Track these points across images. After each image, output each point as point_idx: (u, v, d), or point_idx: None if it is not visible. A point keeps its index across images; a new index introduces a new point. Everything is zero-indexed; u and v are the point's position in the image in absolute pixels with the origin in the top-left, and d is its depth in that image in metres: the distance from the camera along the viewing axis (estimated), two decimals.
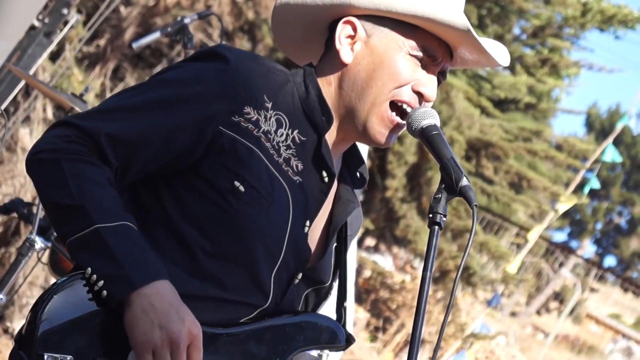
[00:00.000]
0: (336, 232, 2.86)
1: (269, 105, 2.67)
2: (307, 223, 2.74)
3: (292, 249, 2.68)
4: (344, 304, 2.96)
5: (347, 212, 2.86)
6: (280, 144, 2.68)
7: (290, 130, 2.70)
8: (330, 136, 2.79)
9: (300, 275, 2.77)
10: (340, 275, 2.97)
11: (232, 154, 2.60)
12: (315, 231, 2.79)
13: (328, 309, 2.99)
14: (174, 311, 2.43)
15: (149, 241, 2.56)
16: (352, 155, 2.93)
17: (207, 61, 2.68)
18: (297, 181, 2.70)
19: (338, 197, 2.86)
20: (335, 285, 2.95)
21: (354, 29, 2.77)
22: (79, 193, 2.46)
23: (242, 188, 2.60)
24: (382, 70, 2.72)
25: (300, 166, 2.71)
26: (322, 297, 2.92)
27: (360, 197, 7.78)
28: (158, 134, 2.59)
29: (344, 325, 2.91)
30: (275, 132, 2.67)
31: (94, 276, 2.43)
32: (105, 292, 2.43)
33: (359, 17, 2.77)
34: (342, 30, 2.78)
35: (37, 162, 2.55)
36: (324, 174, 2.76)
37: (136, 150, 2.58)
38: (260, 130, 2.64)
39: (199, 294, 2.58)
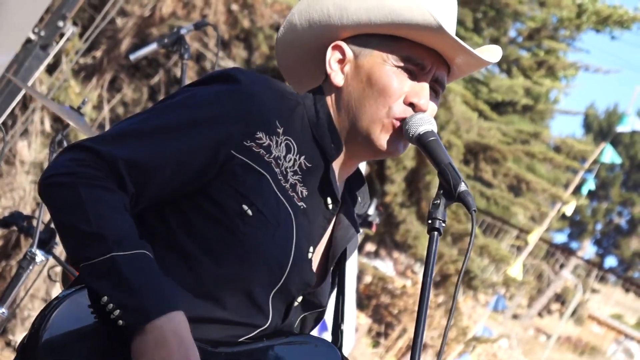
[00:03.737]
0: (336, 257, 2.86)
1: (280, 130, 2.68)
2: (311, 249, 2.74)
3: (296, 274, 2.68)
4: (341, 327, 2.96)
5: (347, 237, 2.87)
6: (288, 170, 2.69)
7: (297, 156, 2.71)
8: (337, 160, 2.81)
9: (300, 299, 2.77)
10: (338, 298, 2.97)
11: (243, 178, 2.61)
12: (317, 255, 2.80)
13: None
14: (184, 350, 2.40)
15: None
16: (355, 177, 2.95)
17: (220, 84, 2.69)
18: (302, 207, 2.70)
19: (339, 221, 2.87)
20: (331, 306, 2.95)
21: (342, 52, 2.80)
22: (96, 219, 2.44)
23: (250, 212, 2.60)
24: (371, 88, 2.73)
25: (305, 192, 2.72)
26: (319, 319, 2.92)
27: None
28: (174, 158, 2.59)
29: (339, 348, 2.91)
30: (284, 157, 2.68)
31: (110, 305, 2.40)
32: (121, 322, 2.40)
33: (347, 40, 2.80)
34: (332, 56, 2.81)
35: (52, 186, 2.53)
36: (329, 200, 2.77)
37: (153, 175, 2.58)
38: (272, 156, 2.65)
39: (201, 316, 2.58)
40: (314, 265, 2.79)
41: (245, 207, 2.60)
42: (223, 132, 2.61)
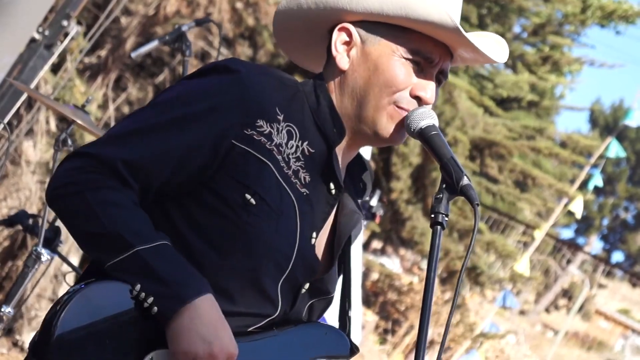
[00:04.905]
0: (342, 244, 2.86)
1: (281, 117, 2.67)
2: (314, 235, 2.74)
3: (300, 261, 2.69)
4: (349, 314, 2.96)
5: (352, 223, 2.87)
6: (290, 156, 2.68)
7: (300, 142, 2.71)
8: (340, 145, 2.80)
9: (307, 286, 2.77)
10: (344, 284, 2.97)
11: (245, 167, 2.61)
12: (320, 242, 2.80)
13: (331, 317, 3.00)
14: (221, 327, 2.48)
15: None
16: (356, 163, 2.94)
17: (217, 75, 2.68)
18: (304, 193, 2.70)
19: (342, 207, 2.86)
20: (338, 293, 2.95)
21: (349, 35, 2.77)
22: (109, 220, 2.49)
23: (253, 201, 2.61)
24: (377, 77, 2.72)
25: (307, 178, 2.72)
26: (327, 306, 2.93)
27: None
28: (174, 154, 2.60)
29: (348, 335, 2.91)
30: (286, 144, 2.68)
31: (143, 294, 2.46)
32: (156, 309, 2.46)
33: (354, 23, 2.77)
34: (338, 37, 2.78)
35: (59, 197, 2.56)
36: (332, 185, 2.77)
37: (154, 173, 2.59)
38: (273, 144, 2.65)
39: None
40: (319, 252, 2.80)
41: (248, 196, 2.60)
42: (223, 124, 2.60)
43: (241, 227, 2.61)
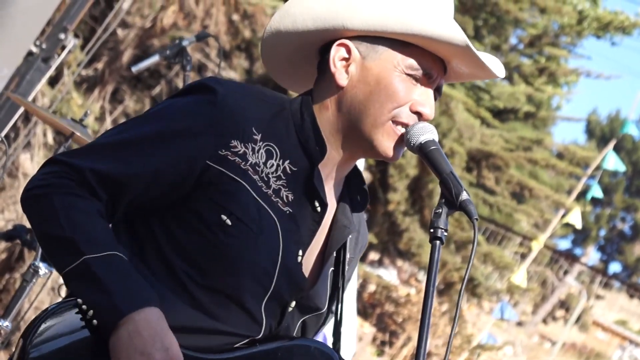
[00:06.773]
0: (330, 258, 2.84)
1: (258, 137, 2.66)
2: (300, 252, 2.73)
3: (285, 279, 2.68)
4: (340, 329, 2.95)
5: (342, 237, 2.84)
6: (270, 176, 2.67)
7: (281, 161, 2.69)
8: (332, 160, 2.78)
9: (293, 304, 2.77)
10: (338, 300, 2.96)
11: (220, 188, 2.61)
12: (309, 258, 2.78)
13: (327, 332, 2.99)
14: (159, 339, 2.44)
15: (145, 273, 2.59)
16: (353, 175, 2.92)
17: (195, 95, 2.69)
18: (287, 212, 2.69)
19: (335, 221, 2.84)
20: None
21: (348, 51, 2.74)
22: (68, 225, 2.51)
23: (229, 222, 2.60)
24: (379, 92, 2.70)
25: (290, 197, 2.70)
26: (321, 323, 2.92)
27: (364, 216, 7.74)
28: (146, 170, 2.61)
29: (337, 351, 2.89)
30: (265, 163, 2.67)
31: (84, 306, 2.47)
32: (95, 322, 2.46)
33: (352, 38, 2.74)
34: (336, 53, 2.75)
35: (29, 199, 2.60)
36: (316, 203, 2.75)
37: (124, 187, 2.61)
38: (248, 163, 2.64)
39: (193, 326, 2.60)
40: (307, 268, 2.78)
41: (224, 217, 2.60)
42: (197, 144, 2.61)
43: (219, 247, 2.61)
